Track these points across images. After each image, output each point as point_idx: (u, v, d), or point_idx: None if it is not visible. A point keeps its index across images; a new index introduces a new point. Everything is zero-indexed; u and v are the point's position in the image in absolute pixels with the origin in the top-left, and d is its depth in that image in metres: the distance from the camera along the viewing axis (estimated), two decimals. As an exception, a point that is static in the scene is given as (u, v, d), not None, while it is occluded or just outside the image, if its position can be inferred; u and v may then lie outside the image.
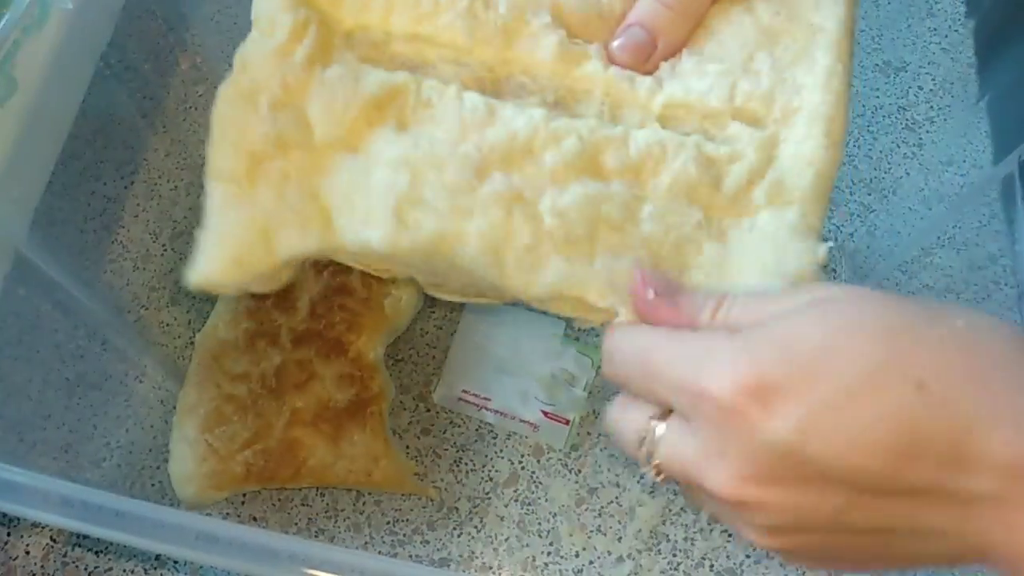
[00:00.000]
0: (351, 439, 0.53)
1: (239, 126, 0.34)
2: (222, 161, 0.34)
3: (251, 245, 0.34)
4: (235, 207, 0.34)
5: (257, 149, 0.34)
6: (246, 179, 0.34)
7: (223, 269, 0.34)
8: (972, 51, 0.71)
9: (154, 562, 0.54)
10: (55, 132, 0.57)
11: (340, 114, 0.35)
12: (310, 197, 0.35)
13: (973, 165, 0.67)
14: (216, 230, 0.34)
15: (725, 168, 0.36)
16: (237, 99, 0.35)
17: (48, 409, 0.56)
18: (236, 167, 0.34)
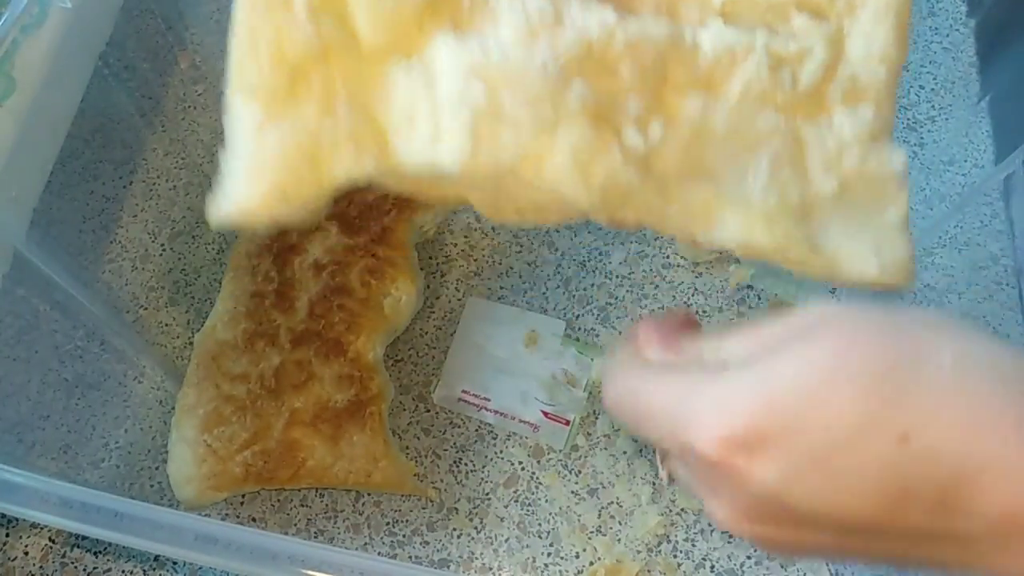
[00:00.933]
0: (350, 440, 0.53)
1: (272, 33, 0.30)
2: (254, 76, 0.30)
3: (297, 171, 0.30)
4: (274, 127, 0.30)
5: (296, 59, 0.30)
6: (285, 94, 0.30)
7: (263, 199, 0.29)
8: (973, 50, 0.71)
9: (153, 563, 0.54)
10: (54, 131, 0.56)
11: (389, 17, 0.30)
12: (362, 112, 0.30)
13: (974, 165, 0.67)
14: (252, 155, 0.30)
15: (797, 67, 0.34)
16: (267, 3, 0.30)
17: (47, 409, 0.56)
18: (272, 81, 0.30)
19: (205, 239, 0.65)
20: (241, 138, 0.30)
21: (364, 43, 0.30)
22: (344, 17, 0.30)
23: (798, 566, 0.54)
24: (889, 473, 0.24)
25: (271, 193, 0.29)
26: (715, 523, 0.28)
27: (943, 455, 0.24)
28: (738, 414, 0.26)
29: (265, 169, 0.29)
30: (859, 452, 0.24)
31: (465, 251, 0.65)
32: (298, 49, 0.30)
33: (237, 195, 0.30)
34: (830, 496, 0.25)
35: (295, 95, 0.30)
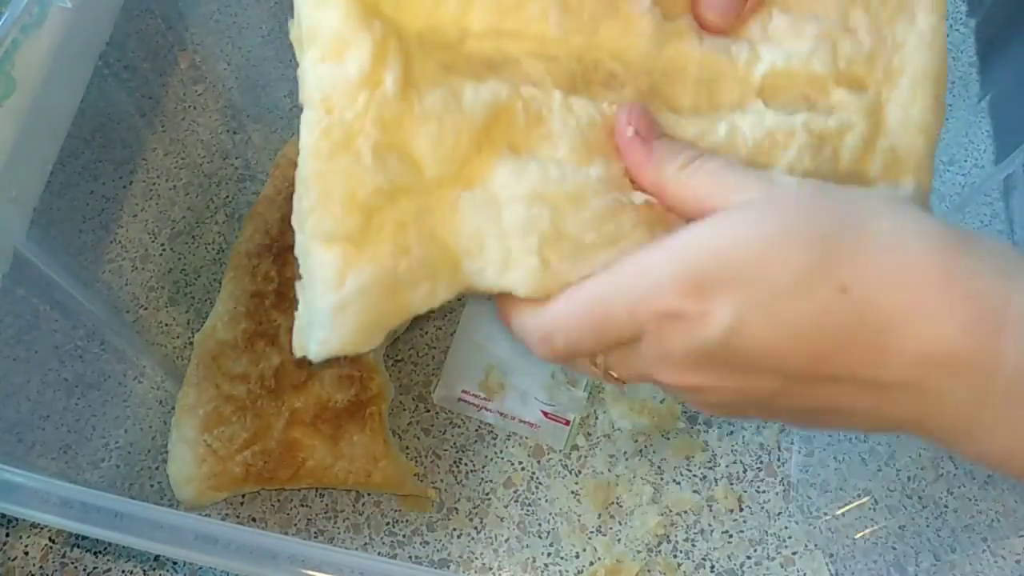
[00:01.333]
0: (350, 440, 0.53)
1: (344, 181, 0.30)
2: (330, 223, 0.30)
3: (379, 308, 0.31)
4: (355, 271, 0.30)
5: (368, 201, 0.30)
6: (361, 236, 0.30)
7: (356, 339, 0.31)
8: (973, 51, 0.71)
9: (153, 563, 0.54)
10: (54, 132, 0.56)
11: (451, 148, 0.31)
12: (432, 244, 0.31)
13: (974, 165, 0.67)
14: (338, 299, 0.30)
15: (838, 143, 0.34)
16: (333, 151, 0.30)
17: (47, 409, 0.56)
18: (348, 226, 0.30)
19: (205, 239, 0.65)
20: (323, 283, 0.31)
21: (428, 175, 0.31)
22: (407, 153, 0.31)
23: (798, 565, 0.54)
24: (829, 319, 0.27)
25: (357, 332, 0.31)
26: (665, 382, 0.30)
27: (877, 304, 0.27)
28: (691, 261, 0.28)
29: (353, 311, 0.30)
30: (803, 299, 0.27)
31: (465, 251, 0.65)
32: (368, 192, 0.30)
33: (331, 337, 0.31)
34: (774, 339, 0.27)
35: (369, 236, 0.31)
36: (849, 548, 0.54)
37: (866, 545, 0.54)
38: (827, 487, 0.56)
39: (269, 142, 0.69)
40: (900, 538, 0.54)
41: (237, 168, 0.68)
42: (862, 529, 0.55)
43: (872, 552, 0.54)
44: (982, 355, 0.26)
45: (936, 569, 0.53)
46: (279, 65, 0.73)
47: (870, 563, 0.54)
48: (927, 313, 0.26)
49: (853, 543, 0.54)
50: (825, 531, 0.55)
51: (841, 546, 0.54)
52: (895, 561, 0.54)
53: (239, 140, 0.69)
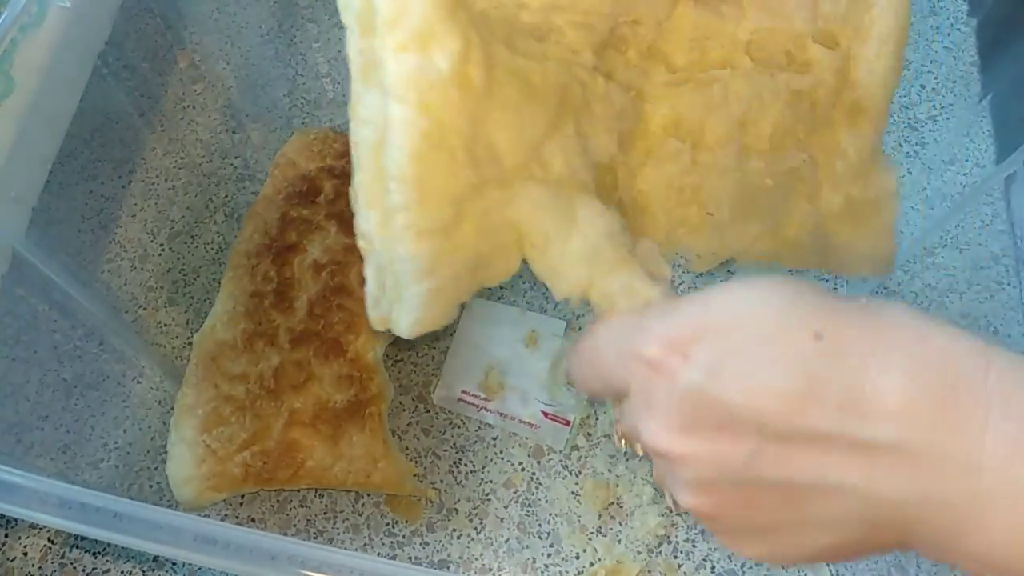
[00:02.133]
0: (350, 440, 0.53)
1: (440, 180, 0.31)
2: (427, 221, 0.32)
3: (466, 289, 0.34)
4: (446, 260, 0.33)
5: (460, 196, 0.32)
6: (451, 228, 0.32)
7: (444, 317, 0.34)
8: (975, 50, 0.71)
9: (152, 563, 0.54)
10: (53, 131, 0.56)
11: (529, 136, 0.33)
12: (509, 227, 0.34)
13: (976, 164, 0.67)
14: (428, 282, 0.33)
15: (813, 98, 0.38)
16: (430, 151, 0.31)
17: (46, 410, 0.56)
18: (443, 219, 0.32)
19: (204, 239, 0.65)
20: (416, 272, 0.33)
21: (508, 165, 0.33)
22: (491, 144, 0.32)
23: (798, 566, 0.54)
24: (801, 367, 0.27)
25: (445, 311, 0.34)
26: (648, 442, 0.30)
27: (853, 354, 0.27)
28: (677, 320, 0.30)
29: (441, 297, 0.33)
30: (777, 346, 0.27)
31: (465, 251, 0.65)
32: (462, 187, 0.32)
33: (418, 319, 0.34)
34: (747, 390, 0.27)
35: (459, 226, 0.32)
36: (850, 548, 0.54)
37: (867, 545, 0.54)
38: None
39: (268, 142, 0.69)
40: (901, 538, 0.54)
41: (236, 168, 0.68)
42: (863, 529, 0.55)
43: (873, 552, 0.54)
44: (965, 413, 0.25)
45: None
46: (279, 65, 0.73)
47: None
48: (902, 365, 0.26)
49: (854, 543, 0.54)
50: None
51: (842, 546, 0.54)
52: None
53: (238, 140, 0.69)
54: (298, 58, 0.73)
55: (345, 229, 0.59)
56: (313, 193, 0.60)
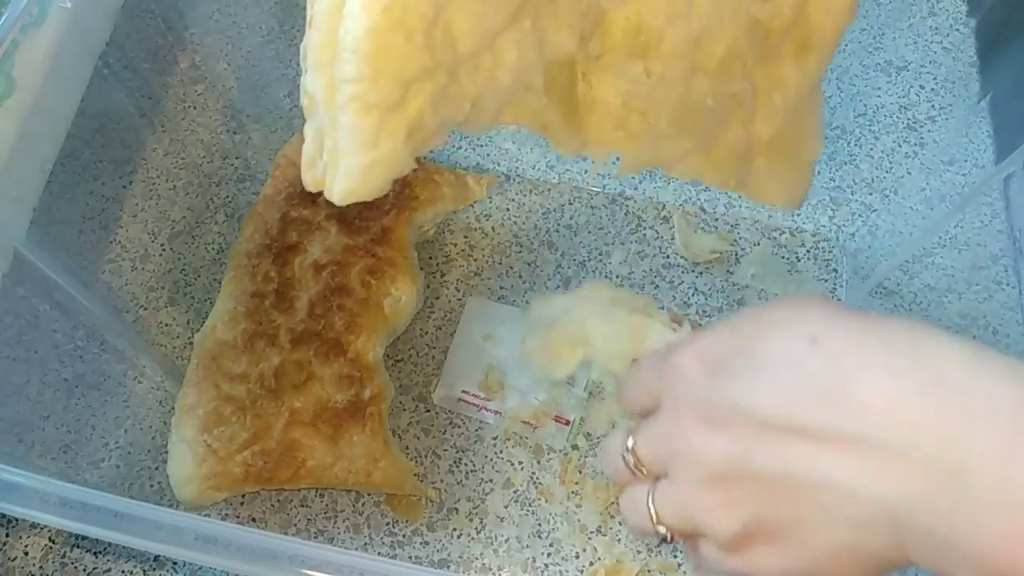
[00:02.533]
0: (350, 440, 0.53)
1: (395, 58, 0.32)
2: (376, 96, 0.33)
3: (403, 164, 0.35)
4: (388, 135, 0.34)
5: (412, 77, 0.33)
6: (397, 105, 0.33)
7: (378, 189, 0.35)
8: (974, 50, 0.71)
9: (153, 563, 0.54)
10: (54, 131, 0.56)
11: (489, 26, 0.34)
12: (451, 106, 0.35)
13: (975, 164, 0.67)
14: (367, 154, 0.34)
15: (768, 27, 0.39)
16: (389, 29, 0.32)
17: (46, 409, 0.56)
18: (391, 97, 0.33)
19: (205, 239, 0.65)
20: (357, 143, 0.34)
21: (461, 50, 0.34)
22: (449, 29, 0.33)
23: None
24: (796, 365, 0.29)
25: (380, 184, 0.35)
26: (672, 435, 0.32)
27: (845, 356, 0.29)
28: (704, 339, 0.33)
29: (379, 169, 0.35)
30: (775, 348, 0.30)
31: (465, 251, 0.65)
32: (415, 69, 0.33)
33: (353, 188, 0.35)
34: (749, 383, 0.30)
35: (404, 103, 0.33)
36: (849, 548, 0.54)
37: (866, 545, 0.54)
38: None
39: (269, 142, 0.69)
40: (900, 538, 0.54)
41: (237, 168, 0.68)
42: (862, 529, 0.54)
43: (872, 552, 0.54)
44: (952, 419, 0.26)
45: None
46: (279, 65, 0.73)
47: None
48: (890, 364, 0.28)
49: (853, 543, 0.54)
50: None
51: (841, 546, 0.54)
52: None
53: (239, 140, 0.69)
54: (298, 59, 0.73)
55: (345, 229, 0.59)
56: (313, 193, 0.60)
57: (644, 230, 0.66)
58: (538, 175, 0.68)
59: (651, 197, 0.67)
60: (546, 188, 0.67)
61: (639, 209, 0.66)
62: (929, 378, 0.27)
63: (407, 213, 0.60)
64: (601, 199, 0.67)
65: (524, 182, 0.68)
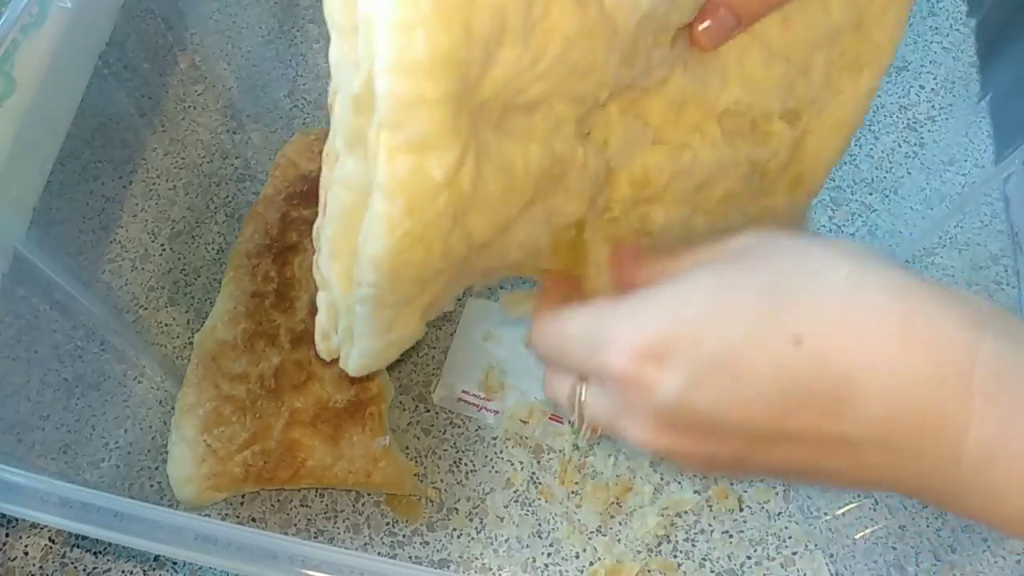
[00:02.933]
0: (350, 440, 0.53)
1: (413, 269, 0.31)
2: (395, 297, 0.33)
3: (415, 335, 0.36)
4: (403, 319, 0.35)
5: (429, 278, 0.33)
6: (415, 297, 0.34)
7: (388, 360, 0.37)
8: (974, 50, 0.71)
9: (153, 563, 0.54)
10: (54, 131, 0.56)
11: (503, 221, 0.33)
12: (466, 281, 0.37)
13: (975, 164, 0.67)
14: (383, 338, 0.35)
15: (764, 167, 0.39)
16: (409, 247, 0.30)
17: (46, 409, 0.56)
18: (409, 296, 0.33)
19: (205, 239, 0.65)
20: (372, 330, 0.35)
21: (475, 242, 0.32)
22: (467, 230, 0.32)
23: (798, 566, 0.54)
24: (784, 373, 0.26)
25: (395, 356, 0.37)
26: (630, 443, 0.30)
27: (833, 357, 0.26)
28: (646, 327, 0.28)
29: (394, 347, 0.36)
30: (756, 353, 0.26)
31: (465, 251, 0.65)
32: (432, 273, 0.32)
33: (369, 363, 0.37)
34: (729, 403, 0.27)
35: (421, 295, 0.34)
36: (849, 548, 0.54)
37: (866, 545, 0.54)
38: (827, 487, 0.56)
39: (269, 142, 0.69)
40: (900, 538, 0.54)
41: (237, 168, 0.68)
42: (862, 529, 0.55)
43: (872, 552, 0.54)
44: (949, 414, 0.25)
45: (936, 569, 0.53)
46: (279, 65, 0.73)
47: (870, 563, 0.54)
48: (887, 366, 0.25)
49: (853, 543, 0.54)
50: (825, 531, 0.55)
51: (841, 546, 0.54)
52: (895, 561, 0.54)
53: (239, 140, 0.69)
54: (299, 59, 0.73)
55: (345, 229, 0.59)
56: (314, 194, 0.60)
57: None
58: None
59: (651, 197, 0.67)
60: (546, 188, 0.67)
61: (639, 209, 0.66)
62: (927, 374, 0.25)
63: (407, 213, 0.60)
64: (601, 199, 0.67)
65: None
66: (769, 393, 0.26)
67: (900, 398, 0.25)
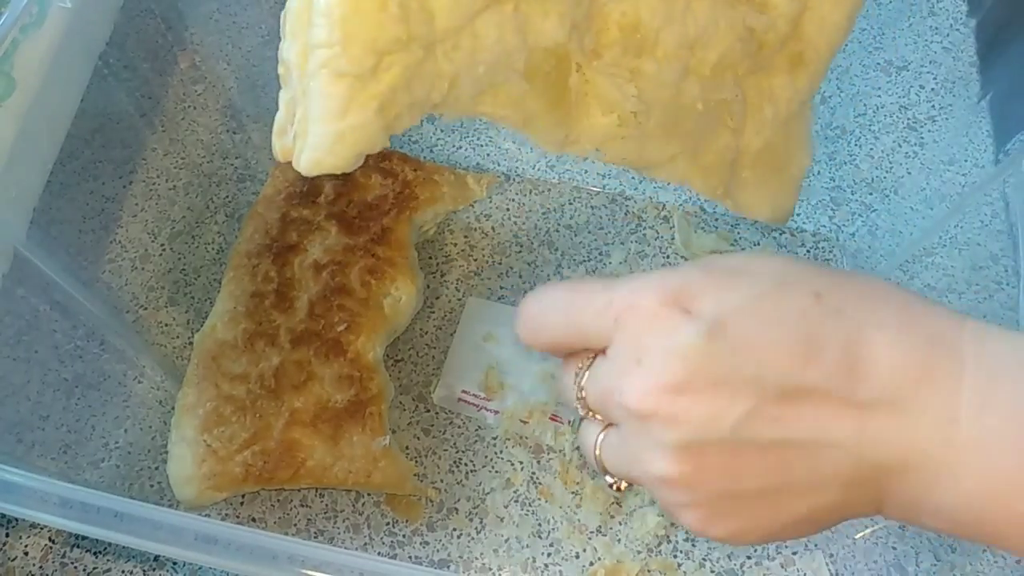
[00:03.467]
0: (350, 440, 0.53)
1: (368, 27, 0.32)
2: (347, 64, 0.33)
3: (374, 139, 0.35)
4: (359, 106, 0.34)
5: (385, 48, 0.33)
6: (369, 76, 0.33)
7: (346, 163, 0.35)
8: (974, 50, 0.71)
9: (153, 563, 0.54)
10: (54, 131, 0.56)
11: (468, 5, 0.34)
12: (426, 83, 0.35)
13: (975, 164, 0.67)
14: (336, 124, 0.34)
15: (762, 38, 0.39)
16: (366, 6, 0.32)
17: (46, 409, 0.56)
18: (363, 67, 0.33)
19: (205, 239, 0.65)
20: (327, 112, 0.34)
21: (438, 26, 0.33)
22: (426, 4, 0.33)
23: (798, 566, 0.54)
24: (803, 323, 0.28)
25: (349, 158, 0.35)
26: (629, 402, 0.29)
27: (850, 312, 0.28)
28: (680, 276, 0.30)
29: (347, 141, 0.34)
30: (778, 304, 0.28)
31: (465, 251, 0.65)
32: (388, 39, 0.33)
33: (320, 159, 0.35)
34: (750, 344, 0.28)
35: (376, 75, 0.33)
36: (849, 548, 0.54)
37: (866, 545, 0.54)
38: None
39: (269, 142, 0.69)
40: (900, 538, 0.54)
41: (237, 168, 0.68)
42: (862, 529, 0.55)
43: (872, 552, 0.54)
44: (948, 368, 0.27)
45: (936, 569, 0.53)
46: (279, 65, 0.73)
47: (870, 563, 0.54)
48: (894, 323, 0.28)
49: (853, 543, 0.54)
50: (825, 531, 0.55)
51: (841, 546, 0.54)
52: (895, 561, 0.54)
53: (239, 140, 0.69)
54: (298, 58, 0.73)
55: (345, 229, 0.59)
56: (313, 193, 0.61)
57: (644, 230, 0.66)
58: (538, 175, 0.68)
59: (651, 197, 0.67)
60: (546, 188, 0.67)
61: (639, 209, 0.66)
62: (925, 334, 0.27)
63: (407, 213, 0.60)
64: (601, 199, 0.67)
65: (524, 182, 0.68)
66: (788, 339, 0.28)
67: (905, 353, 0.27)
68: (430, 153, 0.69)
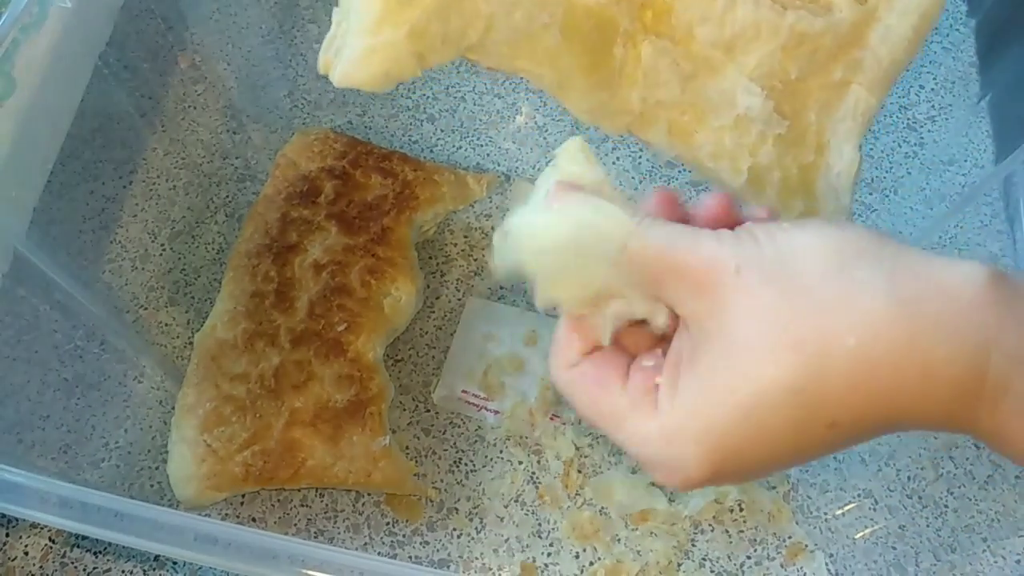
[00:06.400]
0: (350, 440, 0.53)
1: None
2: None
3: (404, 64, 0.35)
4: (393, 24, 0.35)
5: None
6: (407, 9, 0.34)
7: (375, 82, 0.36)
8: (973, 50, 0.71)
9: (153, 563, 0.54)
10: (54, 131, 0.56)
11: None
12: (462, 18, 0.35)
13: (974, 164, 0.67)
14: (369, 39, 0.35)
15: (818, 43, 0.37)
16: None
17: (46, 409, 0.56)
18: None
19: (205, 239, 0.65)
20: (362, 25, 0.35)
21: None
22: None
23: (798, 565, 0.54)
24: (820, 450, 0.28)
25: (378, 76, 0.36)
26: None
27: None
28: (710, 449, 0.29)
29: (377, 59, 0.35)
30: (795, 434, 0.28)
31: (465, 251, 0.65)
32: None
33: (351, 72, 0.36)
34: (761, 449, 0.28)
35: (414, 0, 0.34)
36: (849, 548, 0.54)
37: (866, 545, 0.54)
38: (827, 487, 0.56)
39: (269, 142, 0.69)
40: (900, 538, 0.54)
41: (237, 168, 0.68)
42: (862, 529, 0.55)
43: (872, 552, 0.54)
44: None
45: (936, 569, 0.53)
46: (279, 65, 0.73)
47: (870, 563, 0.54)
48: None
49: (853, 543, 0.54)
50: (825, 531, 0.55)
51: (841, 546, 0.54)
52: (895, 561, 0.54)
53: (239, 140, 0.69)
54: (299, 59, 0.73)
55: (345, 229, 0.59)
56: (313, 193, 0.61)
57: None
58: (538, 175, 0.68)
59: (651, 197, 0.67)
60: (546, 188, 0.67)
61: (639, 209, 0.66)
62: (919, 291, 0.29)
63: (407, 213, 0.60)
64: (601, 199, 0.67)
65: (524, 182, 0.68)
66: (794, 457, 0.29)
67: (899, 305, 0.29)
68: (430, 153, 0.69)
